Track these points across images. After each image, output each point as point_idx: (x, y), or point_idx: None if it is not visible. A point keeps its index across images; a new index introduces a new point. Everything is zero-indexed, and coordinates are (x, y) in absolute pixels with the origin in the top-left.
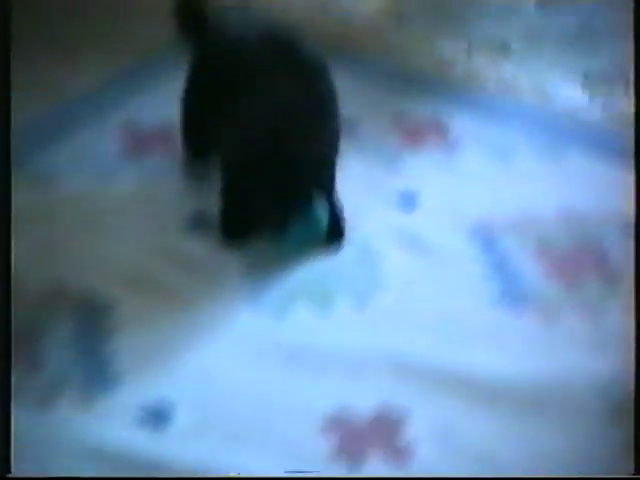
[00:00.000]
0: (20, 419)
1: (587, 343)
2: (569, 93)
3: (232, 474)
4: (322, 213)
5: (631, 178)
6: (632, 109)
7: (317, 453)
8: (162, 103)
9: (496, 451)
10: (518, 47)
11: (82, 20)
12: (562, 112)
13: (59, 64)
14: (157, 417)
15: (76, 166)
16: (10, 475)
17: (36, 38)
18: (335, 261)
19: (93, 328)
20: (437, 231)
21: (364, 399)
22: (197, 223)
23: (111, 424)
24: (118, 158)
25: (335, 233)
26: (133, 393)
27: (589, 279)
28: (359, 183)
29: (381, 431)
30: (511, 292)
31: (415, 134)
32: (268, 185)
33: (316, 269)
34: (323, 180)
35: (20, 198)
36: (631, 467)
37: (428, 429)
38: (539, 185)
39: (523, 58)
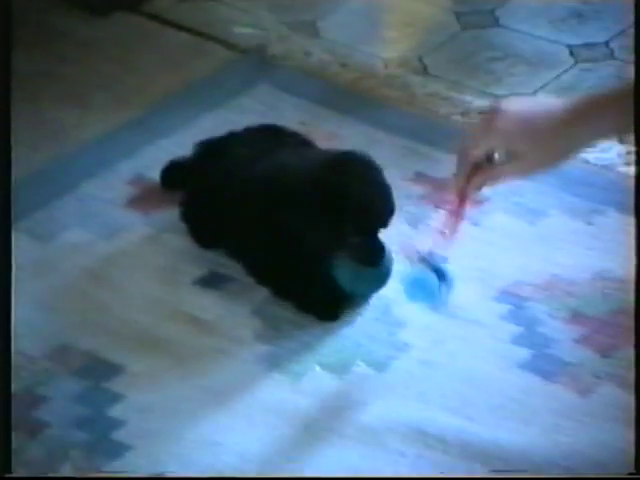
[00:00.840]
0: None
1: (624, 416)
2: (604, 147)
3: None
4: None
5: None
6: None
7: None
8: (172, 153)
9: None
10: None
11: (90, 70)
12: (597, 168)
13: (66, 115)
14: None
15: (80, 219)
16: (10, 475)
17: (43, 89)
18: (355, 323)
19: (98, 392)
20: (463, 294)
21: (385, 473)
22: (211, 281)
23: None
24: (125, 211)
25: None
26: (138, 464)
27: (625, 347)
28: None
29: None
30: (542, 359)
31: (441, 192)
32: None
33: (334, 332)
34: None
35: (21, 253)
36: None
37: None
38: (571, 247)
39: None
